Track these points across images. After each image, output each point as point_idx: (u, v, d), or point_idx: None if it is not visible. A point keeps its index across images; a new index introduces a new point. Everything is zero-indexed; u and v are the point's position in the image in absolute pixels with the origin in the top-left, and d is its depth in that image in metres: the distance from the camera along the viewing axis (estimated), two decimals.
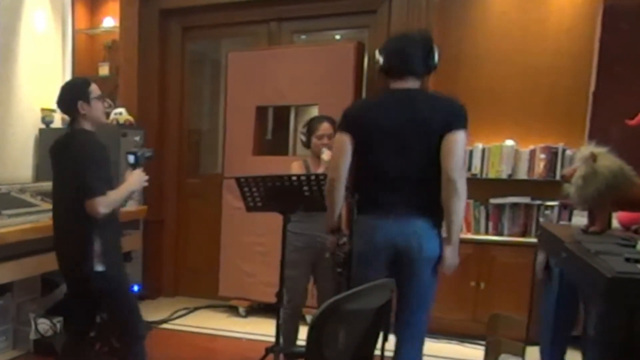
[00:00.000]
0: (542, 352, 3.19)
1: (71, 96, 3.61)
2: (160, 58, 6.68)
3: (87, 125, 3.62)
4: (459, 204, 3.16)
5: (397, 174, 3.23)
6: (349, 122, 3.32)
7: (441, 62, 5.05)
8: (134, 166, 3.69)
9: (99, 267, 3.49)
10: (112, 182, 3.56)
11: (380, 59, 3.34)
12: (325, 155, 4.31)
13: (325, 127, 4.41)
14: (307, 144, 4.50)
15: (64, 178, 3.59)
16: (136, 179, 3.65)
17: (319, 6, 6.01)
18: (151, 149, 3.90)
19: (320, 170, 4.13)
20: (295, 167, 4.48)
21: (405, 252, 3.23)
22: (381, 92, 3.40)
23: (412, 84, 3.30)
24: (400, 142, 3.20)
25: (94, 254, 3.48)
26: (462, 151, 3.17)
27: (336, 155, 3.36)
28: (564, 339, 2.93)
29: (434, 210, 3.24)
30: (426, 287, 3.32)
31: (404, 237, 3.21)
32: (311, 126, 4.47)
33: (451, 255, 3.26)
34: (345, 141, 3.29)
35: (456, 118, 3.19)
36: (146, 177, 3.71)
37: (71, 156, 3.54)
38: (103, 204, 3.40)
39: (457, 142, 3.15)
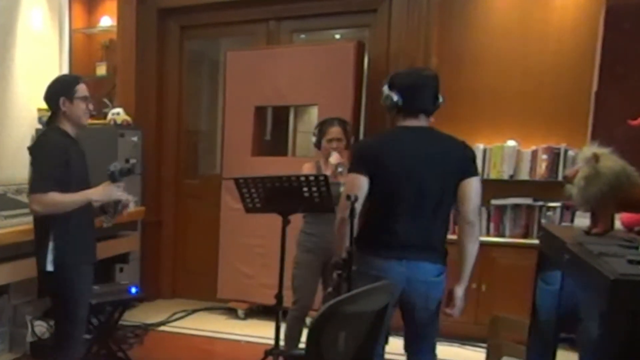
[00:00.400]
0: (530, 353, 3.19)
1: (55, 91, 3.58)
2: (158, 58, 6.68)
3: (65, 125, 3.56)
4: (475, 246, 3.22)
5: (411, 215, 3.22)
6: (366, 162, 3.23)
7: (443, 61, 5.08)
8: (113, 181, 3.54)
9: (49, 267, 3.45)
10: (75, 184, 3.46)
11: (392, 95, 3.23)
12: (333, 158, 4.33)
13: (335, 131, 4.42)
14: (317, 145, 4.51)
15: None
16: (100, 190, 3.49)
17: (318, 5, 6.01)
18: (132, 162, 3.76)
19: (328, 173, 4.14)
20: (307, 169, 4.49)
21: (411, 298, 3.26)
22: (394, 129, 3.33)
23: (423, 122, 3.27)
24: (415, 183, 3.18)
25: (47, 254, 3.44)
26: (478, 196, 3.22)
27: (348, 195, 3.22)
28: (557, 341, 2.93)
29: (443, 252, 3.30)
30: (433, 318, 3.37)
31: (413, 284, 3.23)
32: (322, 128, 4.49)
33: (462, 296, 3.31)
34: (361, 183, 3.21)
35: (470, 164, 3.24)
36: (119, 193, 3.53)
37: (31, 153, 3.54)
38: (37, 202, 3.34)
39: (473, 188, 3.20)
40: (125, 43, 6.48)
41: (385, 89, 3.24)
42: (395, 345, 3.44)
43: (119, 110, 6.19)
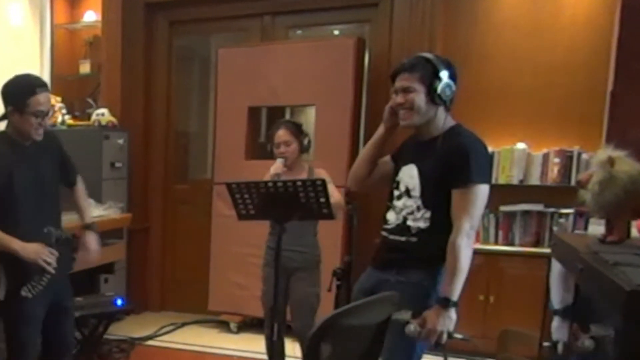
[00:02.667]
0: None
1: (6, 95, 3.42)
2: (146, 55, 6.68)
3: (13, 131, 3.44)
4: None
5: None
6: (491, 168, 3.21)
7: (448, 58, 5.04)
8: (48, 244, 3.41)
9: (1, 295, 3.42)
10: (22, 201, 3.38)
11: (452, 84, 3.04)
12: (273, 167, 4.29)
13: (279, 135, 4.43)
14: (272, 153, 4.51)
15: None
16: (28, 247, 3.33)
17: None
18: (70, 233, 3.59)
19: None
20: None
21: None
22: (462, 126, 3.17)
23: None
24: None
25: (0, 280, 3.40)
26: None
27: (482, 209, 3.04)
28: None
29: None
30: None
31: None
32: (270, 134, 4.52)
33: None
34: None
35: None
36: (45, 260, 3.35)
37: None
38: None
39: None
40: (111, 39, 6.48)
41: (446, 75, 3.02)
42: None
43: (104, 110, 6.19)
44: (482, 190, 2.96)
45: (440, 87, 2.99)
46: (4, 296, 3.42)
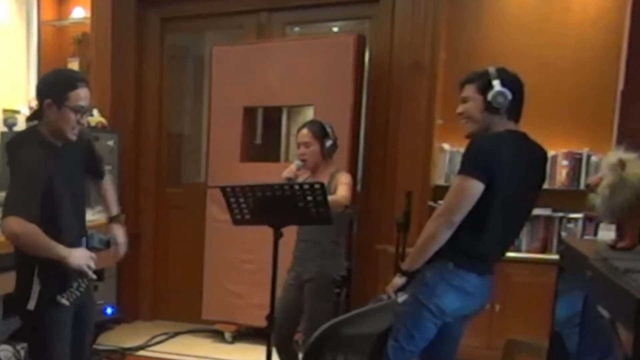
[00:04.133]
0: None
1: (45, 88, 3.33)
2: (137, 53, 6.68)
3: (46, 130, 3.33)
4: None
5: (508, 228, 3.36)
6: (487, 167, 3.15)
7: (452, 57, 5.06)
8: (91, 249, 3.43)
9: (32, 305, 3.28)
10: (64, 209, 3.32)
11: (506, 92, 3.23)
12: (285, 171, 4.28)
13: (301, 135, 4.44)
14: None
15: None
16: (74, 252, 3.26)
17: None
18: (108, 236, 3.57)
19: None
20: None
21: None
22: (506, 134, 3.28)
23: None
24: (519, 194, 3.24)
25: (31, 291, 3.28)
26: None
27: (463, 201, 3.15)
28: None
29: None
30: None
31: (489, 296, 3.43)
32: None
33: None
34: (477, 192, 3.13)
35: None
36: (92, 264, 3.33)
37: (9, 164, 3.29)
38: (16, 225, 3.04)
39: None
40: (100, 37, 6.47)
41: (498, 84, 3.24)
42: None
43: (93, 111, 6.18)
44: (461, 180, 3.16)
45: (491, 95, 3.22)
46: (34, 306, 3.28)
